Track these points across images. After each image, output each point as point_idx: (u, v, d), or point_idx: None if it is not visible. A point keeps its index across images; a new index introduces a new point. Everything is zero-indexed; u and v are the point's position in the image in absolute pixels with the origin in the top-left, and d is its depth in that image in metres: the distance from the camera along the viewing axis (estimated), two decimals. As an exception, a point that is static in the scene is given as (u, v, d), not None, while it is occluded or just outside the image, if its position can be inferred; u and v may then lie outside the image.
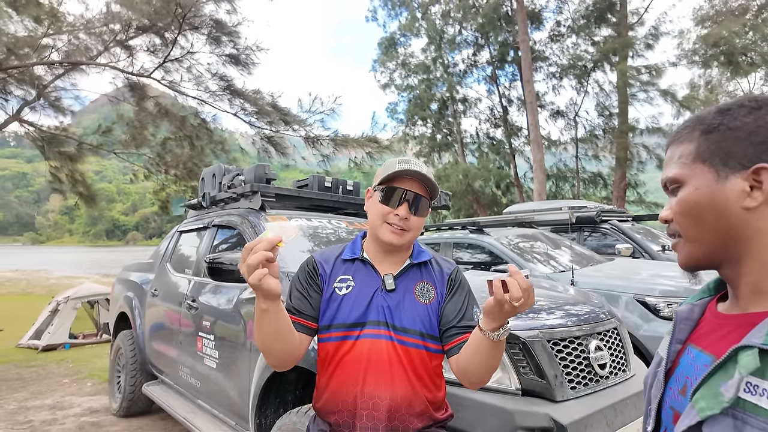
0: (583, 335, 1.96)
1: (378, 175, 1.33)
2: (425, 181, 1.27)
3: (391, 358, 1.22)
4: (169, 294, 3.61)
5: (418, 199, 1.27)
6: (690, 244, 0.71)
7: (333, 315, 1.28)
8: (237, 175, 3.54)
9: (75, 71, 7.71)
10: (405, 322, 1.24)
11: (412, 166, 1.27)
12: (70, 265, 36.33)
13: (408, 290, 1.29)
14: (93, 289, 8.43)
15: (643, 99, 15.69)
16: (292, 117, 7.65)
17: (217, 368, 2.76)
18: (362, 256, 1.34)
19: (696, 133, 0.71)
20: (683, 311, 0.76)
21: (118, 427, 3.93)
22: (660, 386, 0.73)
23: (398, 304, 1.26)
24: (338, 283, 1.31)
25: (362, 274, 1.31)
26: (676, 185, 0.72)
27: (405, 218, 1.25)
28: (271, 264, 1.01)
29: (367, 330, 1.24)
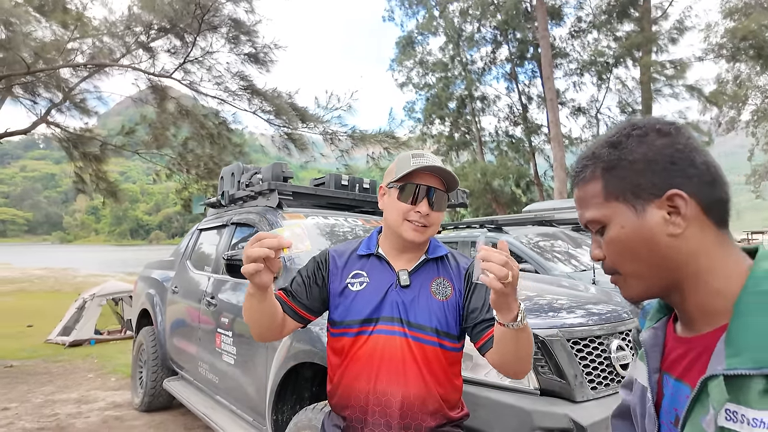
0: (604, 335, 1.91)
1: (391, 171, 1.30)
2: (442, 174, 1.25)
3: (404, 355, 1.20)
4: (189, 291, 3.67)
5: (436, 194, 1.24)
6: (631, 280, 0.70)
7: (346, 310, 1.27)
8: (255, 174, 3.57)
9: (99, 73, 7.89)
10: (420, 318, 1.22)
11: (427, 161, 1.24)
12: (96, 264, 37.33)
13: (423, 286, 1.26)
14: (117, 286, 8.64)
15: (669, 94, 15.30)
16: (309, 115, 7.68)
17: (235, 365, 2.79)
18: (377, 251, 1.32)
19: (598, 171, 0.71)
20: (648, 338, 0.75)
21: (140, 421, 4.00)
22: (653, 420, 0.71)
23: (413, 300, 1.24)
24: (351, 278, 1.30)
25: (377, 270, 1.30)
26: (599, 226, 0.71)
27: (426, 215, 1.23)
28: (271, 260, 1.03)
29: (380, 326, 1.23)
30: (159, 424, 3.92)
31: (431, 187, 1.24)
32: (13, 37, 6.54)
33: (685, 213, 0.64)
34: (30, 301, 13.77)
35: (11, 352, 6.84)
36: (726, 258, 0.65)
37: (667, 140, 0.67)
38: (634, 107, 16.99)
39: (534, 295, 2.18)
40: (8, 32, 6.69)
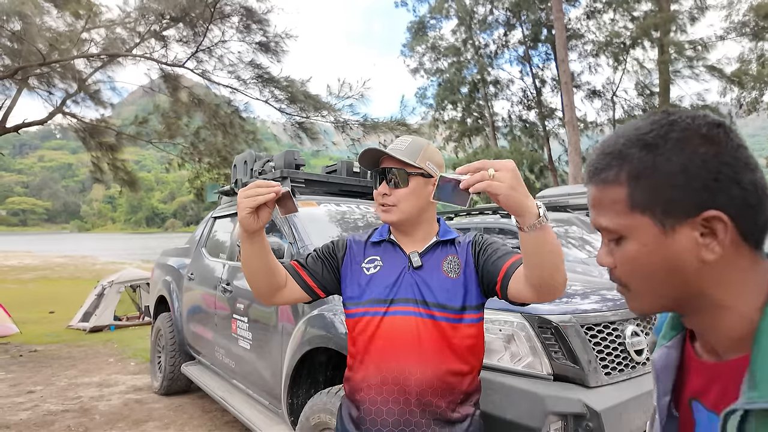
0: (619, 320, 1.90)
1: None
2: (385, 154, 1.31)
3: (420, 334, 1.22)
4: (204, 278, 3.73)
5: (389, 172, 1.29)
6: (642, 296, 0.63)
7: (362, 292, 1.31)
8: (267, 162, 3.59)
9: (112, 64, 7.95)
10: (438, 297, 1.25)
11: (379, 147, 1.34)
12: (113, 252, 38.07)
13: (435, 266, 1.29)
14: (135, 273, 8.82)
15: (688, 75, 14.90)
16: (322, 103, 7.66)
17: (251, 349, 2.84)
18: (389, 237, 1.37)
19: (623, 174, 0.60)
20: (659, 359, 0.68)
21: (159, 404, 4.11)
22: None
23: (427, 280, 1.27)
24: (366, 263, 1.36)
25: (390, 254, 1.35)
26: (615, 236, 0.63)
27: (385, 194, 1.29)
28: (264, 207, 1.11)
29: (395, 307, 1.26)
30: (178, 407, 4.03)
31: (384, 168, 1.30)
32: (28, 28, 6.61)
33: (723, 239, 0.56)
34: (51, 288, 14.14)
35: (35, 337, 7.06)
36: (758, 283, 0.58)
37: (713, 150, 0.56)
38: (651, 89, 16.60)
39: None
40: (24, 24, 6.77)
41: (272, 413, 2.69)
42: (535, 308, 1.77)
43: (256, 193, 1.09)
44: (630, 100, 17.51)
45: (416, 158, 1.29)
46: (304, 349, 2.22)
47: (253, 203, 1.08)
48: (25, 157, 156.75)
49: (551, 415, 1.54)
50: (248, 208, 1.09)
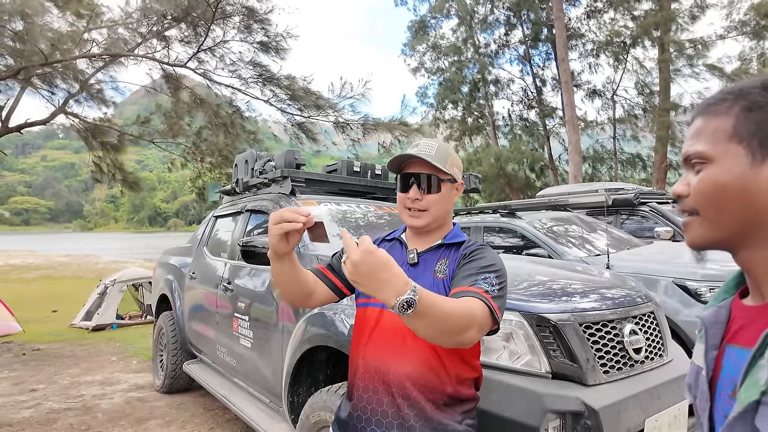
0: (617, 319, 1.91)
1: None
2: (427, 158, 1.28)
3: (406, 328, 1.23)
4: (206, 277, 3.75)
5: (425, 178, 1.29)
6: (708, 224, 0.67)
7: None
8: (268, 161, 3.60)
9: (114, 64, 7.98)
10: None
11: (411, 150, 1.30)
12: (116, 251, 38.16)
13: (429, 266, 1.31)
14: (137, 272, 8.85)
15: (688, 74, 14.88)
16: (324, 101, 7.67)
17: (252, 348, 2.86)
18: (400, 236, 1.41)
19: (736, 108, 0.65)
20: (710, 315, 0.72)
21: (161, 402, 4.14)
22: (706, 397, 0.69)
23: (418, 277, 1.27)
24: None
25: (395, 251, 1.37)
26: (702, 161, 0.67)
27: (417, 199, 1.29)
28: (293, 233, 1.13)
29: None
30: (180, 405, 4.05)
31: (417, 173, 1.29)
32: (30, 28, 6.63)
33: None
34: (54, 287, 14.19)
35: (38, 336, 7.09)
36: None
37: None
38: (651, 88, 16.58)
39: (547, 280, 2.18)
40: (26, 23, 6.79)
41: (273, 411, 2.71)
42: (534, 307, 1.78)
43: (286, 219, 1.11)
44: (630, 99, 17.50)
45: (446, 164, 1.29)
46: (305, 347, 2.23)
47: (281, 231, 1.11)
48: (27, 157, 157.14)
49: (549, 413, 1.55)
50: (278, 235, 1.12)
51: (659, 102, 15.50)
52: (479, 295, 1.09)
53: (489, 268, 1.19)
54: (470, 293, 1.10)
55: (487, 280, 1.15)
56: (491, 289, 1.12)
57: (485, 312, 1.07)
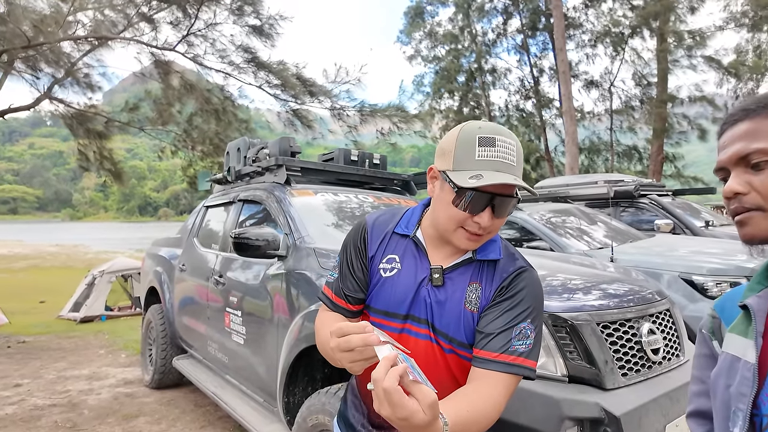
0: (634, 318, 1.80)
1: (446, 153, 1.02)
2: (519, 181, 0.98)
3: (437, 361, 1.06)
4: (196, 269, 3.60)
5: (506, 203, 1.00)
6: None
7: (373, 296, 1.12)
8: (262, 149, 3.45)
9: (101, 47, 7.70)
10: (447, 326, 1.04)
11: (499, 174, 0.96)
12: (106, 240, 37.72)
13: (457, 290, 1.05)
14: (126, 263, 8.67)
15: (686, 66, 14.79)
16: (317, 88, 7.44)
17: (245, 344, 2.73)
18: (414, 234, 1.11)
19: None
20: (758, 303, 0.72)
21: (150, 398, 4.00)
22: (749, 384, 0.68)
23: (443, 303, 1.04)
24: (385, 262, 1.11)
25: (410, 258, 1.10)
26: (763, 158, 0.69)
27: (487, 225, 1.00)
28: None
29: (410, 325, 1.07)
30: (169, 401, 3.92)
31: (497, 195, 0.98)
32: (12, 9, 6.36)
33: None
34: (42, 277, 13.93)
35: (24, 328, 6.91)
36: None
37: None
38: (649, 80, 16.49)
39: (559, 276, 2.06)
40: (7, 4, 6.52)
41: (267, 411, 2.59)
42: (549, 305, 1.66)
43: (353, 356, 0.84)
44: (627, 90, 17.39)
45: (521, 173, 1.02)
46: (301, 345, 2.10)
47: (362, 358, 0.84)
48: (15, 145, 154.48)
49: (567, 420, 1.44)
50: (359, 361, 0.85)
51: (657, 93, 15.43)
52: (512, 367, 0.95)
53: (526, 313, 1.00)
54: (501, 367, 0.95)
55: (522, 334, 0.98)
56: (526, 349, 0.97)
57: (517, 382, 0.98)
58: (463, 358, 1.05)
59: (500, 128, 1.01)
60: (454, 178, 0.98)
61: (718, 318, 0.82)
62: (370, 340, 0.80)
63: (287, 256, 2.48)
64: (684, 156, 16.27)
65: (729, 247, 4.34)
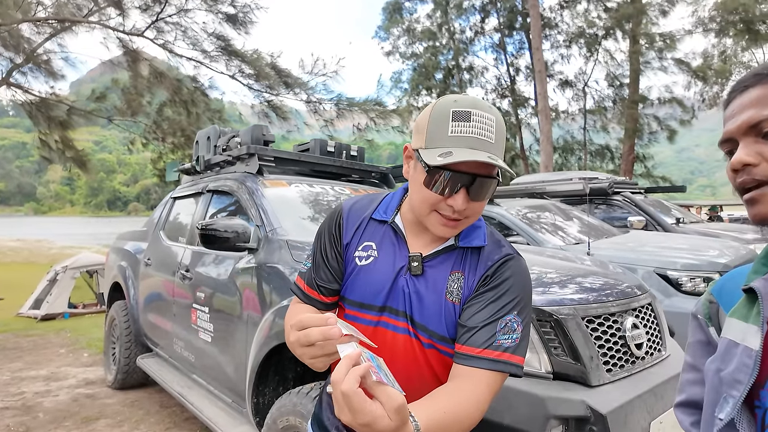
0: (618, 312, 1.75)
1: (421, 129, 0.92)
2: (497, 161, 0.87)
3: (417, 357, 0.96)
4: (162, 263, 3.42)
5: (483, 185, 0.89)
6: None
7: (348, 287, 1.03)
8: (233, 137, 3.29)
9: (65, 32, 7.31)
10: (427, 319, 0.95)
11: (472, 151, 0.85)
12: (72, 236, 36.36)
13: (439, 280, 0.96)
14: (91, 258, 8.31)
15: (657, 67, 15.18)
16: (293, 79, 7.24)
17: (213, 342, 2.58)
18: (393, 220, 1.03)
19: None
20: (766, 286, 0.66)
21: (113, 399, 3.79)
22: (748, 369, 0.63)
23: (423, 294, 0.95)
24: (361, 250, 1.02)
25: (388, 245, 1.01)
26: None
27: (462, 209, 0.90)
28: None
29: (386, 317, 0.97)
30: (133, 402, 3.72)
31: (473, 175, 0.88)
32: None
33: None
34: (2, 273, 13.26)
35: (-22, 327, 6.52)
36: None
37: None
38: (621, 80, 16.84)
39: (542, 269, 2.00)
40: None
41: (236, 412, 2.45)
42: (534, 300, 1.59)
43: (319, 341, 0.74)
44: (601, 90, 17.75)
45: (503, 153, 0.92)
46: (272, 343, 1.98)
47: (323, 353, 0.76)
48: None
49: (553, 420, 1.37)
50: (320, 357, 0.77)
51: (629, 94, 15.77)
52: (496, 363, 0.87)
53: (512, 304, 0.92)
54: (485, 363, 0.87)
55: (508, 328, 0.90)
56: (512, 343, 0.89)
57: (502, 380, 0.89)
58: (445, 354, 0.96)
59: (479, 101, 0.91)
60: (425, 156, 0.88)
61: (716, 303, 0.76)
62: (330, 333, 0.71)
63: (258, 248, 2.35)
64: (654, 156, 16.71)
65: (700, 243, 4.41)
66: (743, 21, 14.68)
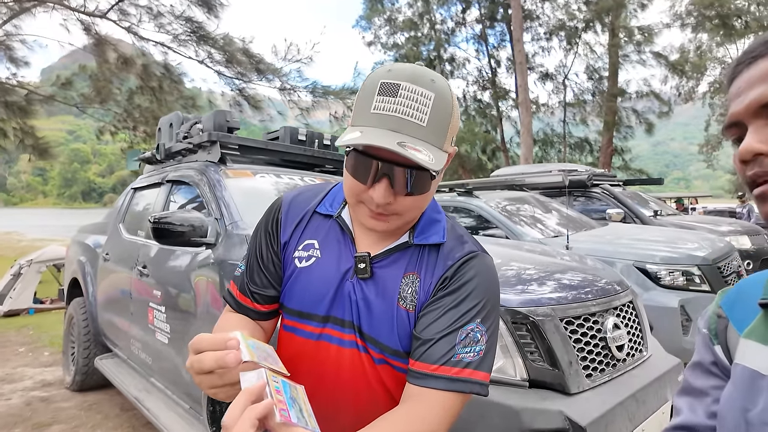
0: (599, 312, 1.64)
1: (354, 104, 0.79)
2: (418, 156, 0.68)
3: (366, 375, 0.82)
4: (120, 258, 3.20)
5: (403, 176, 0.72)
6: None
7: (286, 293, 0.88)
8: (195, 124, 3.08)
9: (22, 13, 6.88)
10: (377, 331, 0.80)
11: (400, 128, 0.69)
12: (43, 228, 35.18)
13: (390, 283, 0.81)
14: (58, 252, 7.95)
15: (636, 60, 15.31)
16: (266, 65, 6.96)
17: (169, 344, 2.40)
18: (339, 214, 0.87)
19: None
20: None
21: (70, 403, 3.57)
22: None
23: (372, 301, 0.81)
24: (301, 249, 0.87)
25: (333, 244, 0.86)
26: None
27: (387, 203, 0.74)
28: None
29: (330, 329, 0.83)
30: (91, 406, 3.51)
31: (389, 163, 0.71)
32: None
33: None
34: (-37, 267, 12.67)
35: (-68, 325, 6.16)
36: None
37: None
38: (601, 74, 16.95)
39: (518, 265, 1.88)
40: None
41: (194, 419, 2.29)
42: (508, 299, 1.46)
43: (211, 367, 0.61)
44: (580, 83, 17.84)
45: (444, 140, 0.74)
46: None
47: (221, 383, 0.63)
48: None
49: (528, 433, 1.25)
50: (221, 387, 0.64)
51: (608, 87, 15.87)
52: (455, 383, 0.73)
53: (475, 310, 0.77)
54: (441, 383, 0.73)
55: (470, 339, 0.75)
56: (474, 357, 0.75)
57: (463, 400, 0.75)
58: (399, 370, 0.82)
59: (420, 73, 0.73)
60: (342, 135, 0.74)
61: (725, 317, 0.64)
62: (225, 361, 0.57)
63: (216, 244, 2.17)
64: (632, 149, 16.91)
65: (679, 235, 4.38)
66: (719, 16, 14.87)
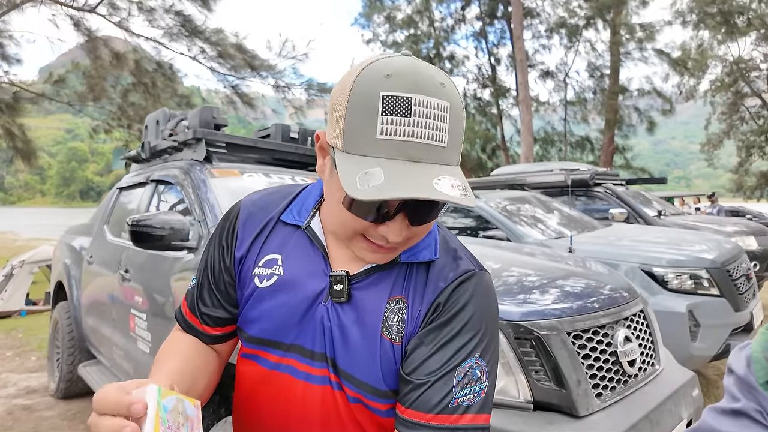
0: (608, 323, 1.50)
1: (337, 114, 0.59)
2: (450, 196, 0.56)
3: (339, 416, 0.69)
4: (104, 261, 3.07)
5: (427, 210, 0.62)
6: None
7: (244, 317, 0.74)
8: (181, 121, 2.94)
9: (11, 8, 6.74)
10: (354, 366, 0.67)
11: (423, 157, 0.57)
12: (40, 227, 35.03)
13: (372, 309, 0.67)
14: (51, 252, 7.82)
15: (638, 58, 15.19)
16: (260, 61, 6.79)
17: (151, 354, 2.27)
18: (307, 224, 0.73)
19: None
20: None
21: (53, 411, 3.44)
22: None
23: (348, 329, 0.67)
24: (262, 266, 0.73)
25: (300, 259, 0.71)
26: None
27: (400, 240, 0.63)
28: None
29: (293, 360, 0.70)
30: (75, 415, 3.37)
31: (413, 203, 0.59)
32: None
33: None
34: (-43, 268, 12.53)
35: None
36: None
37: None
38: (602, 71, 16.81)
39: (521, 272, 1.74)
40: None
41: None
42: (510, 312, 1.33)
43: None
44: (581, 81, 17.71)
45: (460, 150, 0.65)
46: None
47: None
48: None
49: (533, 464, 1.11)
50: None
51: (609, 85, 15.74)
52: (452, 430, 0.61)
53: (474, 342, 0.64)
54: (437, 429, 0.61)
55: (469, 378, 0.63)
56: (475, 399, 0.62)
57: None
58: (375, 412, 0.68)
59: (423, 74, 0.58)
60: (342, 170, 0.57)
61: None
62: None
63: (198, 248, 2.04)
64: (633, 147, 16.79)
65: (685, 237, 4.25)
66: (721, 13, 14.74)
